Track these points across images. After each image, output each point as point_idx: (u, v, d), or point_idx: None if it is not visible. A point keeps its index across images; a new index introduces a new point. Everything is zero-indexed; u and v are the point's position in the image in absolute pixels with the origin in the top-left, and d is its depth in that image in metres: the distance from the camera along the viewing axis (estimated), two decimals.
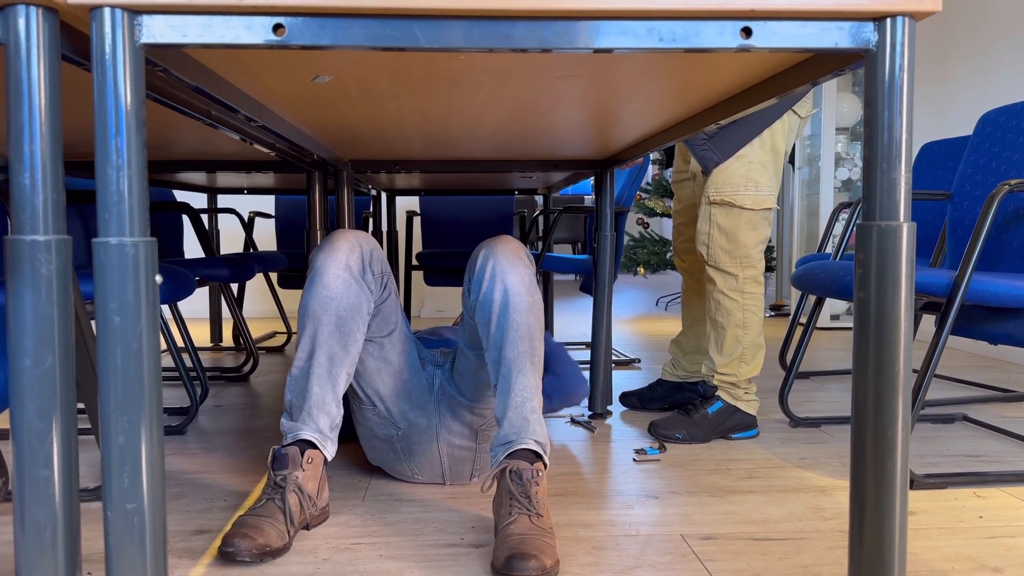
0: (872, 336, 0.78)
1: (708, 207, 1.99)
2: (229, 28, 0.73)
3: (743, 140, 1.95)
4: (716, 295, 2.01)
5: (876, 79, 0.76)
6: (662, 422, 2.01)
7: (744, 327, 2.00)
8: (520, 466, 1.32)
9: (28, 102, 0.69)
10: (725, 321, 2.00)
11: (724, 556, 1.30)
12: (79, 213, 2.64)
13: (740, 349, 2.01)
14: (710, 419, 2.01)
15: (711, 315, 2.03)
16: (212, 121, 1.25)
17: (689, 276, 2.27)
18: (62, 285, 0.71)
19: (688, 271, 2.27)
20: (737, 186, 1.95)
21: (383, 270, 1.51)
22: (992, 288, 1.61)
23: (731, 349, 2.01)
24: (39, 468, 0.71)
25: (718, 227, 1.98)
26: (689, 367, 2.27)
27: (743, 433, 2.04)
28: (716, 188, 1.97)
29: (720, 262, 1.99)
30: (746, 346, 2.00)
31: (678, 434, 1.98)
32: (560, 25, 0.76)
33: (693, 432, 1.99)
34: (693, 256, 2.24)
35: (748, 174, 1.95)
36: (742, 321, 2.00)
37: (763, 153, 1.97)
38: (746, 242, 1.97)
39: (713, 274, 2.00)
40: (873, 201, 0.77)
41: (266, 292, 4.90)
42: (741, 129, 1.95)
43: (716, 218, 1.98)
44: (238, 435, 2.06)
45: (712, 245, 1.99)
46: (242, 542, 1.24)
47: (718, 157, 1.96)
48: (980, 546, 1.35)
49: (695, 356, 2.26)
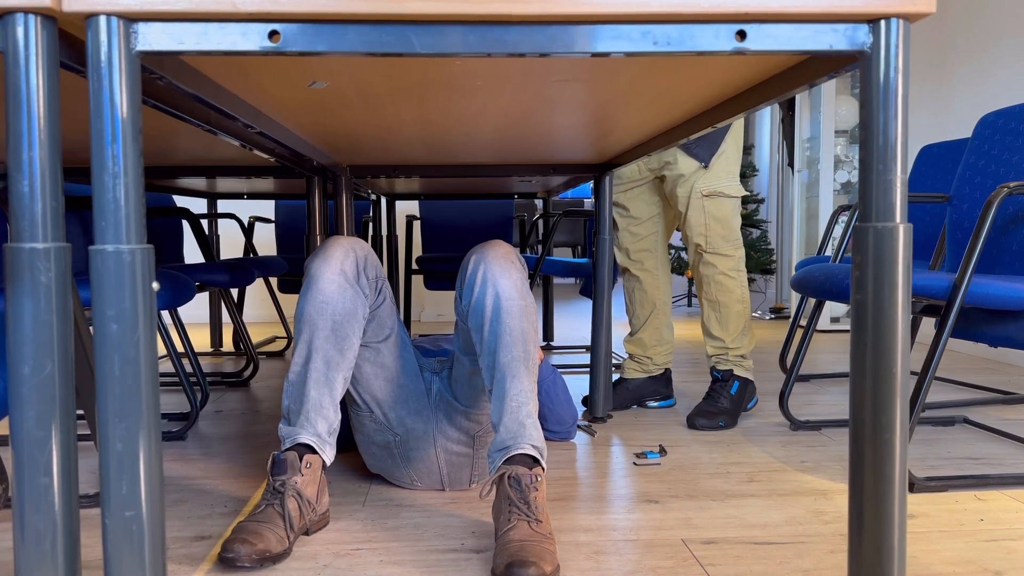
0: (869, 337, 0.78)
1: (700, 200, 2.18)
2: (225, 35, 0.74)
3: (721, 136, 2.17)
4: (718, 277, 2.19)
5: (871, 81, 0.76)
6: (699, 418, 2.15)
7: (743, 302, 2.21)
8: (518, 471, 1.32)
9: (27, 110, 0.69)
10: (728, 299, 2.19)
11: (725, 560, 1.30)
12: (79, 219, 2.64)
13: (743, 322, 2.21)
14: (735, 399, 2.21)
15: (712, 297, 2.21)
16: (211, 127, 1.25)
17: (647, 275, 2.38)
18: (61, 292, 0.71)
19: (646, 270, 2.38)
20: (722, 179, 2.18)
21: (378, 275, 1.51)
22: (992, 290, 1.61)
23: (737, 324, 2.20)
24: (39, 475, 0.71)
25: (713, 217, 2.18)
26: (658, 359, 2.40)
27: (752, 402, 2.29)
28: (707, 183, 2.17)
29: (719, 247, 2.19)
30: (746, 319, 2.22)
31: (720, 422, 2.15)
32: (556, 30, 0.76)
33: (729, 418, 2.17)
34: (650, 254, 2.37)
35: (728, 167, 2.19)
36: (742, 297, 2.21)
37: (734, 148, 2.21)
38: (735, 226, 2.21)
39: (714, 259, 2.19)
40: (869, 203, 0.77)
41: (266, 297, 4.90)
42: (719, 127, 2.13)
43: (710, 209, 2.18)
44: (238, 440, 2.06)
45: (710, 234, 2.19)
46: (242, 548, 1.24)
47: (708, 153, 2.17)
48: (981, 549, 1.34)
49: (659, 348, 2.39)
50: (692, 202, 2.18)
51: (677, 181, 2.21)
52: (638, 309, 2.39)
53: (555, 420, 1.99)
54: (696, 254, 2.24)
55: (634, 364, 2.41)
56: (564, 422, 2.01)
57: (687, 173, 2.19)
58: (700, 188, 2.17)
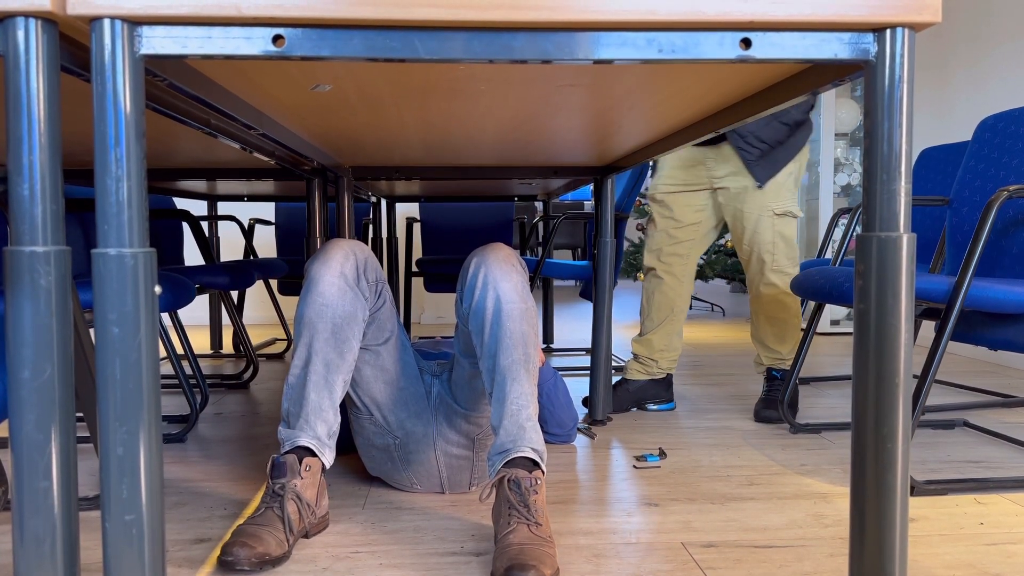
0: (872, 347, 0.78)
1: (772, 219, 2.27)
2: (229, 39, 0.74)
3: (787, 159, 2.26)
4: (780, 296, 2.30)
5: (876, 90, 0.76)
6: (767, 410, 2.28)
7: (798, 316, 2.33)
8: (518, 475, 1.31)
9: (27, 113, 0.69)
10: (787, 316, 2.31)
11: (725, 564, 1.30)
12: (79, 221, 2.64)
13: (799, 334, 2.34)
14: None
15: (771, 314, 2.32)
16: (212, 131, 1.25)
17: (673, 279, 2.39)
18: (61, 296, 0.71)
19: (672, 274, 2.39)
20: (790, 200, 2.29)
21: (378, 278, 1.51)
22: (991, 294, 1.61)
23: (794, 337, 2.33)
24: (38, 479, 0.71)
25: (781, 236, 2.28)
26: (663, 364, 2.43)
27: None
28: (779, 202, 2.27)
29: (783, 266, 2.29)
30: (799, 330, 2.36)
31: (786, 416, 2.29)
32: (560, 36, 0.76)
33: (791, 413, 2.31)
34: (681, 260, 2.39)
35: (793, 188, 2.30)
36: (797, 311, 2.33)
37: (798, 170, 2.31)
38: (795, 245, 2.32)
39: (775, 278, 2.29)
40: (873, 212, 0.77)
41: (266, 299, 4.90)
42: (787, 150, 2.25)
43: (779, 228, 2.28)
44: (238, 443, 2.05)
45: (777, 252, 2.28)
46: (241, 551, 1.24)
47: (767, 173, 2.25)
48: (981, 553, 1.34)
49: (666, 353, 2.42)
50: (762, 219, 2.26)
51: (743, 197, 2.27)
52: (654, 311, 2.40)
53: (555, 423, 1.99)
54: (759, 272, 2.31)
55: (638, 365, 2.42)
56: (564, 425, 2.01)
57: (752, 189, 2.27)
58: (773, 207, 2.26)
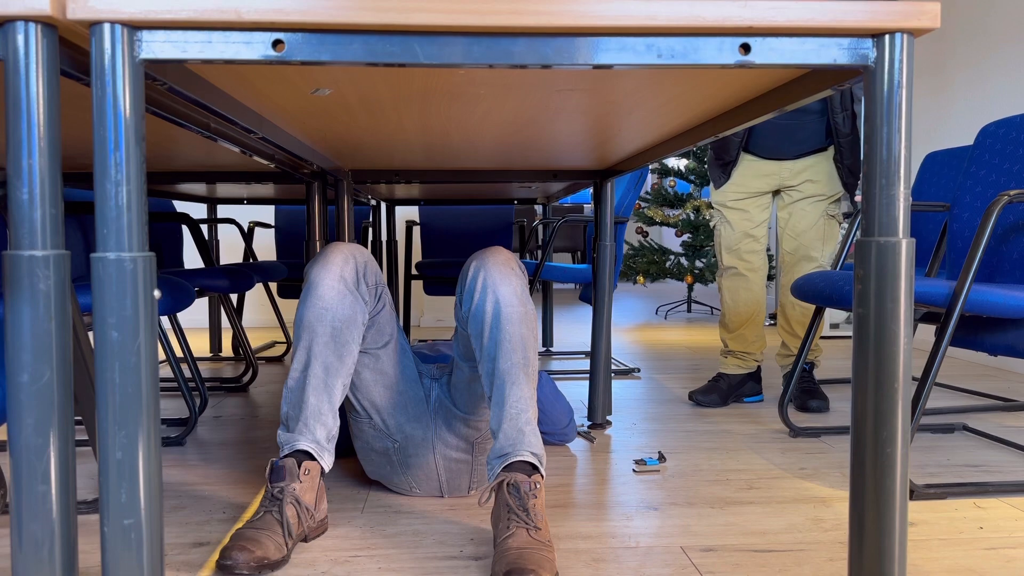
0: (871, 352, 0.78)
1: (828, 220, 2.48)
2: (229, 44, 0.74)
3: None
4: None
5: (875, 95, 0.76)
6: (812, 400, 2.43)
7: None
8: (517, 479, 1.31)
9: (27, 118, 0.69)
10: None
11: (724, 568, 1.30)
12: (78, 224, 2.64)
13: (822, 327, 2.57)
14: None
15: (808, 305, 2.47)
16: (212, 134, 1.25)
17: (755, 274, 2.56)
18: (60, 300, 0.71)
19: (754, 269, 2.55)
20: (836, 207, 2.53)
21: (377, 281, 1.51)
22: (991, 298, 1.61)
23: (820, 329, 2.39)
24: (37, 483, 0.71)
25: (832, 238, 2.50)
26: (757, 356, 2.59)
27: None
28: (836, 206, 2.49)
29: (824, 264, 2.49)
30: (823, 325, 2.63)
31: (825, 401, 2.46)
32: (560, 42, 0.76)
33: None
34: (758, 255, 2.57)
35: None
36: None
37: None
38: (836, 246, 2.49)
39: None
40: (872, 217, 0.77)
41: (265, 302, 4.90)
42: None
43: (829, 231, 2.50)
44: (237, 446, 2.05)
45: (825, 251, 2.50)
46: (240, 555, 1.24)
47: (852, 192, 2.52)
48: (980, 557, 1.34)
49: (758, 344, 2.58)
50: (819, 220, 2.46)
51: (812, 197, 2.45)
52: (742, 307, 2.55)
53: (547, 421, 1.97)
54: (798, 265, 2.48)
55: (736, 360, 2.57)
56: (557, 422, 1.98)
57: (828, 195, 2.45)
58: (830, 211, 2.46)
